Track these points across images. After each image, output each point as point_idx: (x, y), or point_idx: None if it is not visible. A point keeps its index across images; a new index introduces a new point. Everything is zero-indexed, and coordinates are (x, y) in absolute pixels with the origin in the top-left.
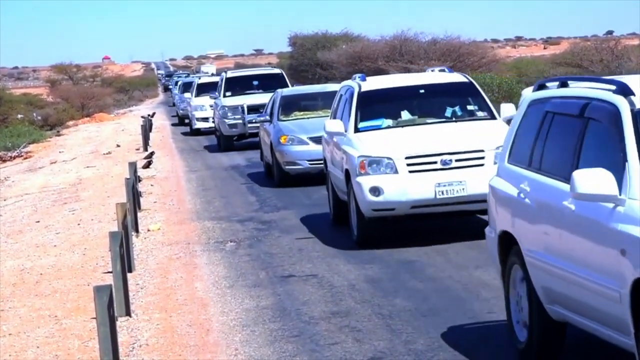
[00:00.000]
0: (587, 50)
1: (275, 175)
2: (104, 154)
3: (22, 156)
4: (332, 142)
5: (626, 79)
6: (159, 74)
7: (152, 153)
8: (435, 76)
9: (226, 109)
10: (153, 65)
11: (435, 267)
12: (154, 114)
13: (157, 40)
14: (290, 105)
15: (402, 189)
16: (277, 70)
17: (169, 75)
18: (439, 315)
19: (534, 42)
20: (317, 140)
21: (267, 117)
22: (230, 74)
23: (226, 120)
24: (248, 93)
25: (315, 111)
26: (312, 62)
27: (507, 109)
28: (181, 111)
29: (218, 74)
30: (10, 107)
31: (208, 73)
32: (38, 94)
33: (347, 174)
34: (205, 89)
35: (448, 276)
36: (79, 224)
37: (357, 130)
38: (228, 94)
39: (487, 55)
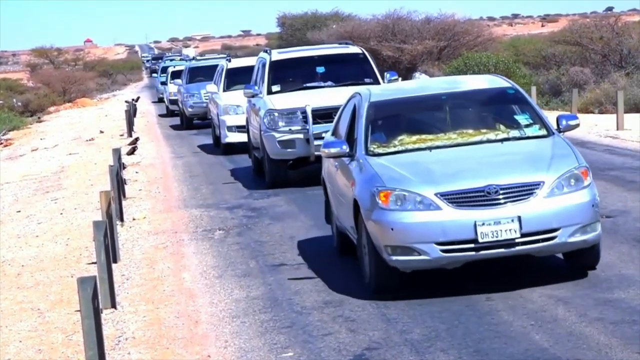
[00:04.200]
0: (587, 28)
1: (369, 274)
2: (86, 140)
3: (2, 144)
4: None
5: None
6: (143, 56)
7: (136, 139)
8: None
9: (275, 114)
10: (137, 48)
11: None
12: (138, 98)
13: (141, 22)
14: (391, 124)
15: None
16: (355, 49)
17: (157, 58)
18: (435, 304)
19: (532, 20)
20: (458, 200)
21: (346, 149)
22: (277, 55)
23: (276, 135)
24: (310, 87)
25: (444, 133)
26: (302, 42)
27: None
28: (190, 109)
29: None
30: None
31: (189, 57)
32: (18, 79)
33: None
34: (238, 77)
35: None
36: (61, 214)
37: None
38: (275, 88)
39: (483, 34)
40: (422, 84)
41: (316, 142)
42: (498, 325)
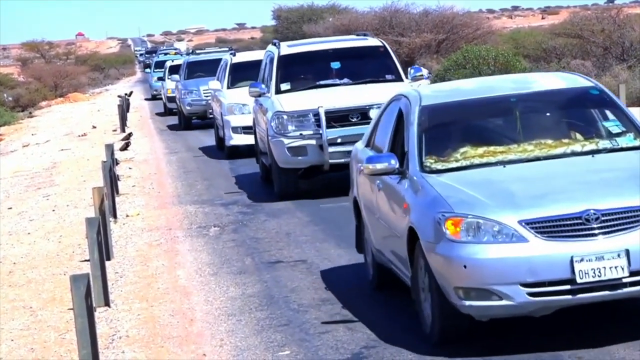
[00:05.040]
0: (588, 20)
1: (432, 322)
2: (79, 135)
3: None
4: None
5: None
6: (136, 50)
7: (130, 134)
8: None
9: (284, 117)
10: (130, 42)
11: None
12: (131, 93)
13: (134, 15)
14: (449, 133)
15: None
16: (374, 41)
17: (151, 52)
18: None
19: (532, 12)
20: (549, 229)
21: (395, 164)
22: (287, 49)
23: (285, 141)
24: (323, 85)
25: (517, 145)
26: (298, 36)
27: None
28: (188, 107)
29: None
30: None
31: (181, 50)
32: (8, 73)
33: None
34: (244, 73)
35: None
36: (53, 210)
37: None
38: (285, 86)
39: (482, 27)
40: (484, 83)
41: (330, 149)
42: (499, 320)
